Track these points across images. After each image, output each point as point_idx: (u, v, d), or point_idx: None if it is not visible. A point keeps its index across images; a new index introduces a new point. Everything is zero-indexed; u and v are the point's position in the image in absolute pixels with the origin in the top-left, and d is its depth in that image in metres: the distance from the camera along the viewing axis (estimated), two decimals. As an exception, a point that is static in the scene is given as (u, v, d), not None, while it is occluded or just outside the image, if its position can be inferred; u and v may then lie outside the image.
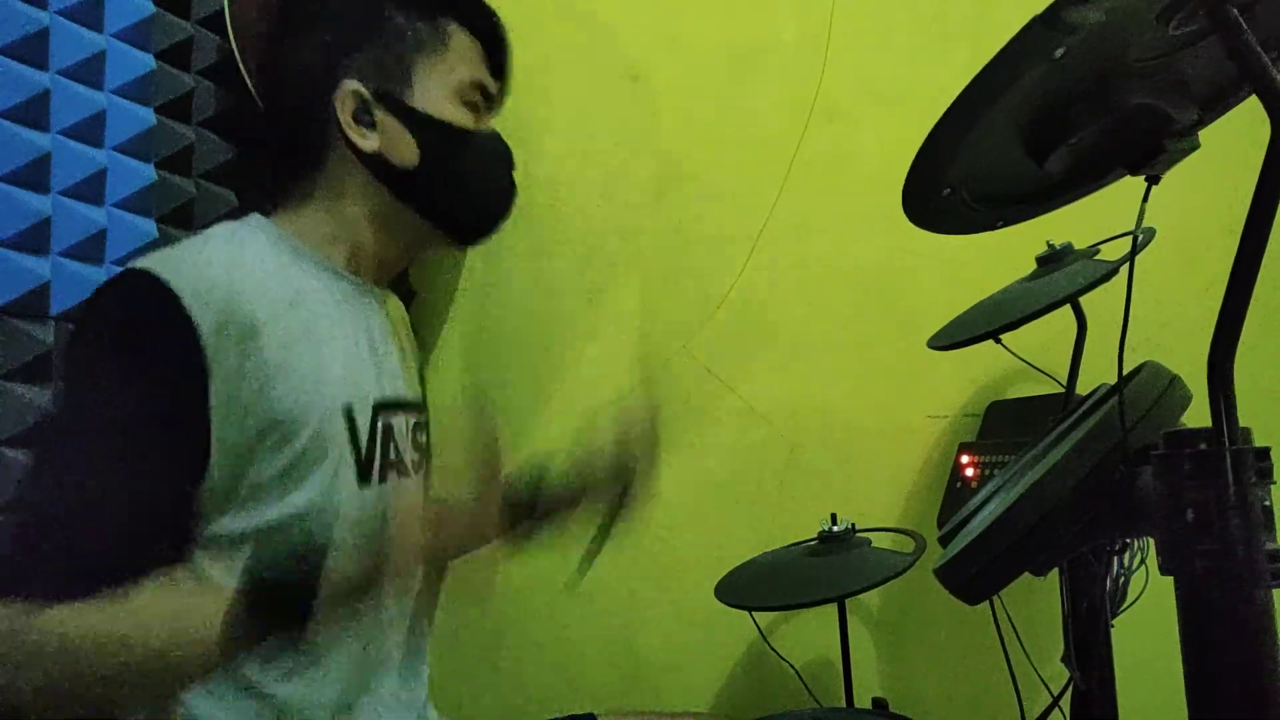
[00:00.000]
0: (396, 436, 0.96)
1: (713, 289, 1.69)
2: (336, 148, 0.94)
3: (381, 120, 0.93)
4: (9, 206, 1.06)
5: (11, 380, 1.06)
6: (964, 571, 0.79)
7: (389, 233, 0.97)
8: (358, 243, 0.97)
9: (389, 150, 0.93)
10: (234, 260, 0.85)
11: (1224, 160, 1.18)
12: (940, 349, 1.33)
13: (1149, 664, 1.12)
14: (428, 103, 0.94)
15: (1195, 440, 0.65)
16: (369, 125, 0.92)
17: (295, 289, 0.88)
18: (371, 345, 0.97)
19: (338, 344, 0.90)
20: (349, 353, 0.92)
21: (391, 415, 0.96)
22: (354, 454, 0.89)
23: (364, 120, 0.92)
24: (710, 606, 1.39)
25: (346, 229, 0.96)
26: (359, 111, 0.92)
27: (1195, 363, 0.68)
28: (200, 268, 0.81)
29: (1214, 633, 0.64)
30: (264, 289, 0.85)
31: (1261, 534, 0.62)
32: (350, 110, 0.92)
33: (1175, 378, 0.81)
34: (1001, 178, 0.85)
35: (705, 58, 1.76)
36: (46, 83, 1.11)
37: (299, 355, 0.85)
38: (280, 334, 0.83)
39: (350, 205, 0.95)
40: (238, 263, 0.85)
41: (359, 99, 0.92)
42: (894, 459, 1.64)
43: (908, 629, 1.63)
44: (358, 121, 0.92)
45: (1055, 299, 1.13)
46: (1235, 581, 0.62)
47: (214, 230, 0.91)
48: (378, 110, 0.92)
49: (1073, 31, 0.62)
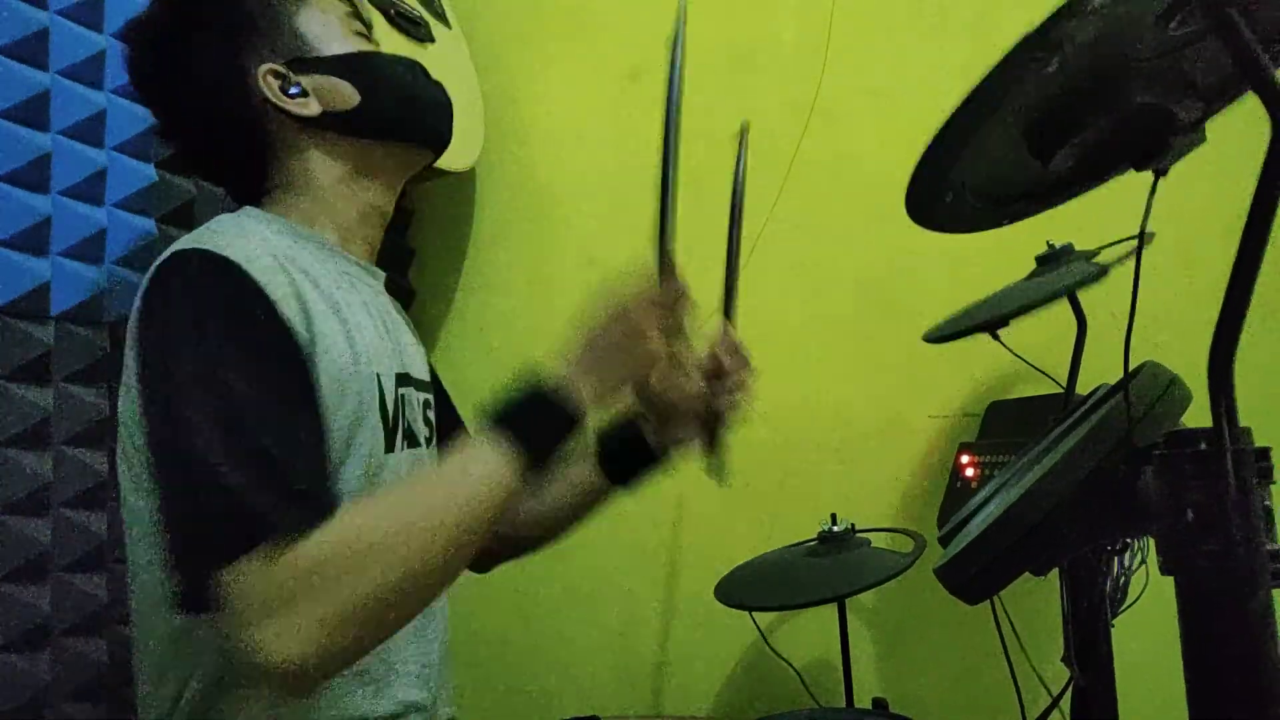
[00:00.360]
0: (412, 409, 1.00)
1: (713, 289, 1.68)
2: (280, 133, 0.96)
3: (307, 83, 0.95)
4: (9, 206, 1.06)
5: (11, 380, 1.06)
6: (964, 571, 0.79)
7: (364, 183, 0.99)
8: (340, 219, 0.99)
9: (330, 104, 0.96)
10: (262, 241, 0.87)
11: (1224, 160, 1.18)
12: (935, 341, 1.33)
13: (1149, 664, 1.12)
14: (330, 44, 0.97)
15: (1196, 440, 0.65)
16: (301, 94, 0.95)
17: (305, 268, 0.90)
18: (383, 320, 1.00)
19: (356, 316, 0.93)
20: (364, 326, 0.94)
21: (405, 388, 0.99)
22: (382, 422, 0.92)
23: (293, 93, 0.95)
24: (710, 606, 1.39)
25: (325, 205, 0.98)
26: (284, 86, 0.94)
27: (1195, 363, 0.68)
28: (247, 248, 0.84)
29: (1214, 633, 0.63)
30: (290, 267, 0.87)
31: (1262, 534, 0.62)
32: (276, 89, 0.94)
33: (1175, 378, 0.81)
34: (1005, 176, 0.85)
35: (705, 58, 1.76)
36: (46, 83, 1.11)
37: (334, 327, 0.88)
38: (320, 306, 0.87)
39: (317, 169, 0.97)
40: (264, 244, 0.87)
41: (280, 76, 0.95)
42: (894, 459, 1.64)
43: (908, 629, 1.63)
44: (290, 96, 0.95)
45: (1050, 294, 1.13)
46: (1236, 581, 0.62)
47: (221, 220, 0.92)
48: (300, 78, 0.95)
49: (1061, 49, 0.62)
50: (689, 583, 1.64)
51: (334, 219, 0.98)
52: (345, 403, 0.86)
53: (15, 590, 1.05)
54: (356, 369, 0.89)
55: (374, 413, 0.91)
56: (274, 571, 0.69)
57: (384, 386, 0.93)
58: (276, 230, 0.93)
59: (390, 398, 0.94)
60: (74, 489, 1.12)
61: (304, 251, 0.92)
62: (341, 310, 0.90)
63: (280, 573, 0.69)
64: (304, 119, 0.95)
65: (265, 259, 0.84)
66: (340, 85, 0.96)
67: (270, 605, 0.68)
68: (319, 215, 0.97)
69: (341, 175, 0.98)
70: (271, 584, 0.68)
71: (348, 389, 0.87)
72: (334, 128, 0.96)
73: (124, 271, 1.20)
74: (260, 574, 0.68)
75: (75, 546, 1.11)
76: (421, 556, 0.73)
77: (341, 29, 0.99)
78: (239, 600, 0.68)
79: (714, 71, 1.75)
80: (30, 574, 1.07)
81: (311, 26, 0.97)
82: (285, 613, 0.68)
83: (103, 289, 1.16)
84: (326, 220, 0.98)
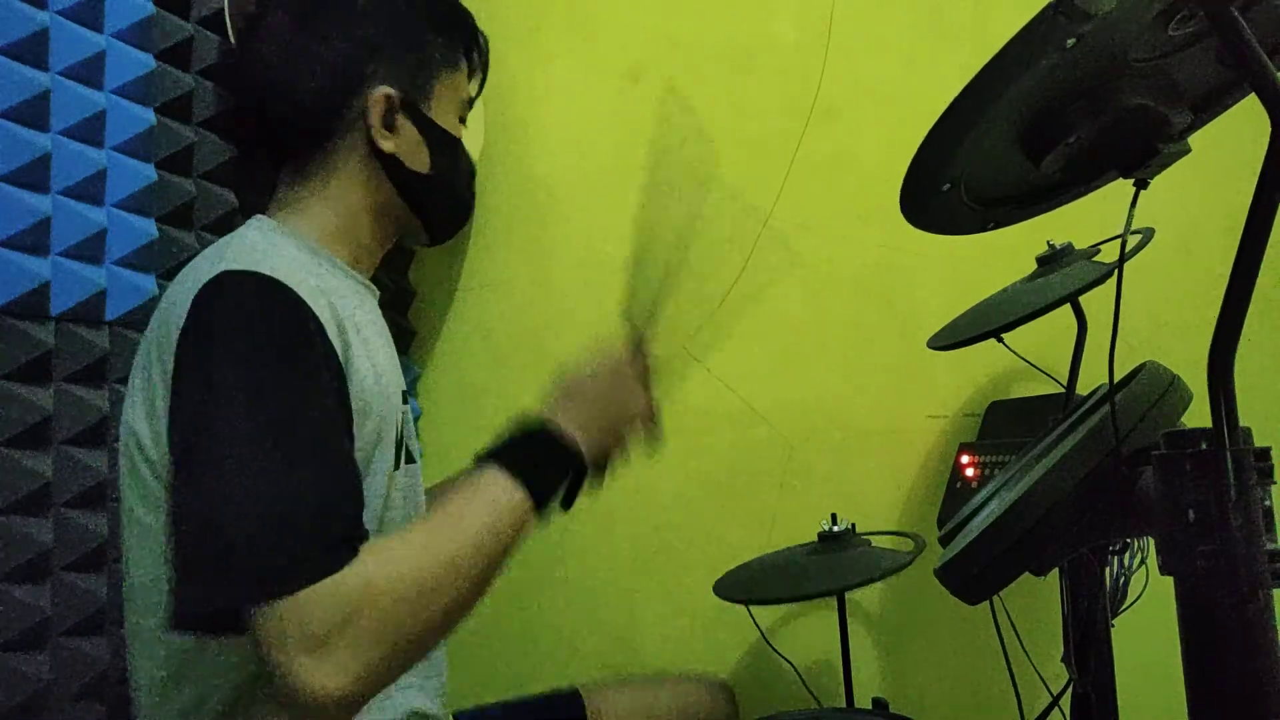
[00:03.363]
0: (409, 425, 1.02)
1: (713, 289, 1.68)
2: (348, 142, 0.97)
3: (401, 125, 0.98)
4: (9, 206, 1.06)
5: (11, 380, 1.06)
6: (964, 571, 0.79)
7: (382, 226, 1.02)
8: (358, 238, 1.00)
9: (403, 154, 0.98)
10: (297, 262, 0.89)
11: (1224, 160, 1.18)
12: (940, 349, 1.33)
13: (1149, 664, 1.12)
14: (442, 116, 1.02)
15: (1196, 440, 0.65)
16: (390, 128, 0.97)
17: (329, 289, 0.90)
18: (385, 338, 1.02)
19: (374, 340, 0.95)
20: (378, 345, 0.97)
21: (405, 405, 1.01)
22: (395, 439, 0.94)
23: (388, 123, 0.97)
24: (710, 606, 1.39)
25: (349, 222, 0.98)
26: (387, 114, 0.97)
27: (1195, 363, 0.68)
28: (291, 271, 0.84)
29: (1214, 633, 0.63)
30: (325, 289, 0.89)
31: (1262, 534, 0.62)
32: (380, 113, 0.96)
33: (1175, 378, 0.81)
34: (996, 177, 0.85)
35: (705, 58, 1.76)
36: (46, 83, 1.11)
37: (360, 349, 0.90)
38: (350, 329, 0.89)
39: (354, 196, 0.98)
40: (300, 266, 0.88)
41: (390, 103, 0.96)
42: (894, 459, 1.64)
43: (908, 629, 1.63)
44: (383, 124, 0.97)
45: (1054, 299, 1.13)
46: (1235, 581, 0.62)
47: (246, 235, 0.91)
48: (401, 116, 0.98)
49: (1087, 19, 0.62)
50: (689, 583, 1.64)
51: (351, 240, 0.99)
52: (369, 423, 0.88)
53: (15, 590, 1.05)
54: (379, 388, 0.91)
55: (391, 430, 0.93)
56: (326, 603, 0.70)
57: (394, 404, 0.95)
58: (299, 248, 0.93)
59: (399, 415, 0.96)
60: (74, 489, 1.11)
61: (323, 270, 0.93)
62: (362, 331, 0.92)
63: (332, 604, 0.70)
64: (375, 148, 0.97)
65: (310, 281, 0.85)
66: (422, 147, 1.00)
67: (319, 637, 0.69)
68: (338, 234, 0.98)
69: (369, 207, 0.99)
70: (323, 616, 0.69)
71: (371, 409, 0.89)
72: (390, 172, 0.99)
73: (124, 271, 1.20)
74: (311, 603, 0.69)
75: (75, 546, 1.11)
76: (462, 591, 0.77)
77: (456, 107, 1.05)
78: (287, 630, 0.69)
79: (714, 71, 1.75)
80: (30, 574, 1.07)
81: (441, 90, 1.01)
82: (335, 646, 0.69)
83: (103, 289, 1.16)
84: (343, 240, 0.98)
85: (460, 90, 1.05)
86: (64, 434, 1.11)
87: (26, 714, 1.04)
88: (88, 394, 1.14)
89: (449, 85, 1.03)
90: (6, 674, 1.02)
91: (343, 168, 0.97)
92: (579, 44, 1.84)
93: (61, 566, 1.10)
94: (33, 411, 1.07)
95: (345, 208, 0.98)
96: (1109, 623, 1.05)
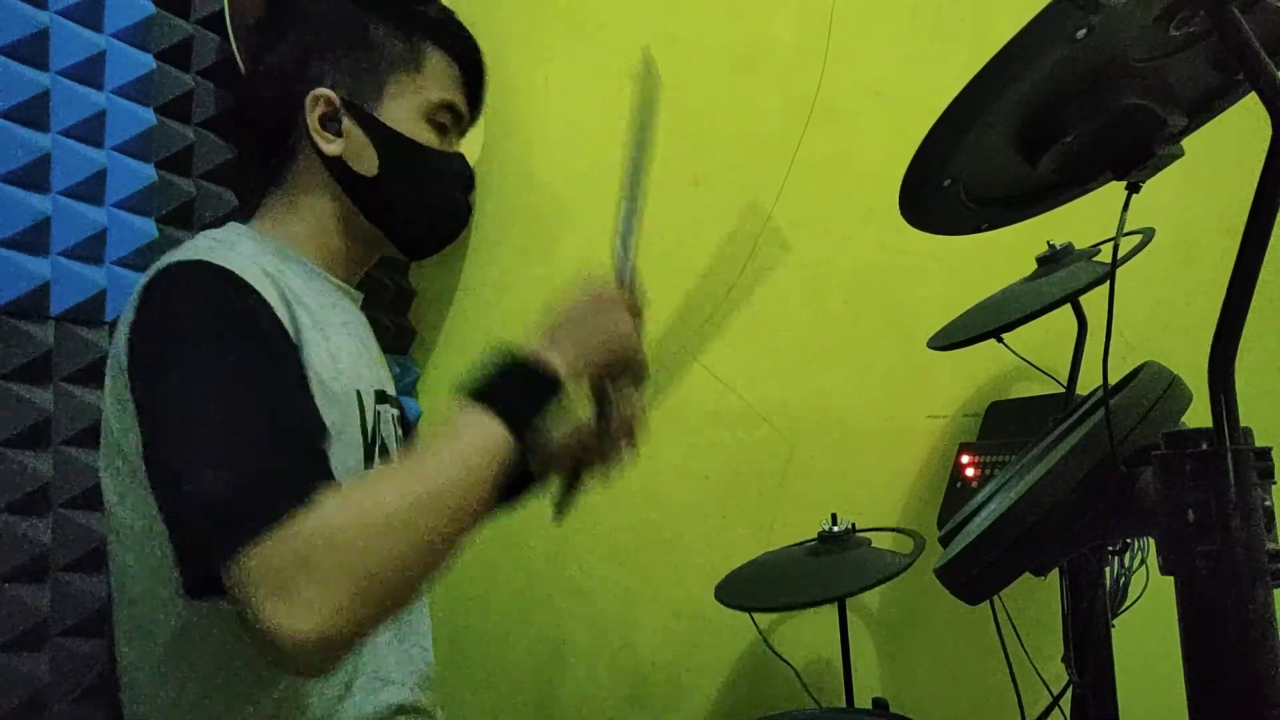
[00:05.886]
0: (386, 426, 1.01)
1: (713, 289, 1.68)
2: (304, 147, 0.97)
3: (347, 128, 0.96)
4: (9, 206, 1.06)
5: (11, 380, 1.06)
6: (964, 571, 0.79)
7: (349, 234, 1.01)
8: (326, 242, 1.00)
9: (350, 158, 0.97)
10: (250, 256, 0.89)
11: (1224, 160, 1.18)
12: (940, 349, 1.33)
13: (1149, 664, 1.12)
14: (394, 118, 0.98)
15: (1196, 440, 0.65)
16: (335, 132, 0.96)
17: (288, 285, 0.91)
18: (361, 340, 1.02)
19: (337, 336, 0.94)
20: (345, 345, 0.96)
21: (382, 405, 1.01)
22: (361, 438, 0.93)
23: (330, 126, 0.96)
24: (710, 607, 1.39)
25: (316, 227, 0.99)
26: (326, 117, 0.96)
27: (1195, 363, 0.68)
28: (238, 261, 0.85)
29: (1214, 633, 0.63)
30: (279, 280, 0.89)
31: (1262, 534, 0.62)
32: (318, 114, 0.95)
33: (1176, 378, 0.81)
34: (992, 178, 0.85)
35: (705, 58, 1.76)
36: (46, 83, 1.11)
37: (317, 339, 0.89)
38: (304, 318, 0.89)
39: (317, 201, 0.98)
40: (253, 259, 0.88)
41: (329, 105, 0.96)
42: (894, 459, 1.64)
43: (908, 629, 1.63)
44: (324, 126, 0.96)
45: (1054, 299, 1.13)
46: (1236, 581, 0.62)
47: (207, 235, 0.93)
48: (345, 118, 0.96)
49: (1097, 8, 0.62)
50: (689, 583, 1.64)
51: (320, 245, 0.99)
52: (327, 415, 0.87)
53: (15, 590, 1.05)
54: (338, 383, 0.90)
55: (354, 428, 0.92)
56: (286, 546, 0.69)
57: (364, 404, 0.94)
58: (262, 249, 0.94)
59: (369, 415, 0.96)
60: (74, 489, 1.12)
61: (288, 270, 0.93)
62: (325, 329, 0.92)
63: (292, 547, 0.69)
64: (321, 153, 0.96)
65: (255, 269, 0.85)
66: (369, 150, 0.97)
67: (283, 580, 0.68)
68: (306, 241, 0.98)
69: (334, 213, 0.99)
70: (284, 559, 0.68)
71: (329, 400, 0.88)
72: (339, 176, 0.97)
73: (124, 271, 1.20)
74: (273, 549, 0.69)
75: (75, 546, 1.11)
76: (436, 526, 0.74)
77: (419, 108, 0.99)
78: (253, 579, 0.68)
79: (714, 71, 1.75)
80: (30, 574, 1.07)
81: (395, 87, 0.98)
82: (299, 587, 0.68)
83: (103, 289, 1.16)
84: (313, 246, 0.99)
85: (426, 91, 0.99)
86: (64, 434, 1.11)
87: (26, 714, 1.04)
88: (87, 394, 1.14)
89: (406, 86, 0.98)
90: (6, 674, 1.02)
91: (304, 174, 0.98)
92: (579, 44, 1.84)
93: (60, 567, 1.10)
94: (33, 411, 1.07)
95: (311, 214, 0.98)
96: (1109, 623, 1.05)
